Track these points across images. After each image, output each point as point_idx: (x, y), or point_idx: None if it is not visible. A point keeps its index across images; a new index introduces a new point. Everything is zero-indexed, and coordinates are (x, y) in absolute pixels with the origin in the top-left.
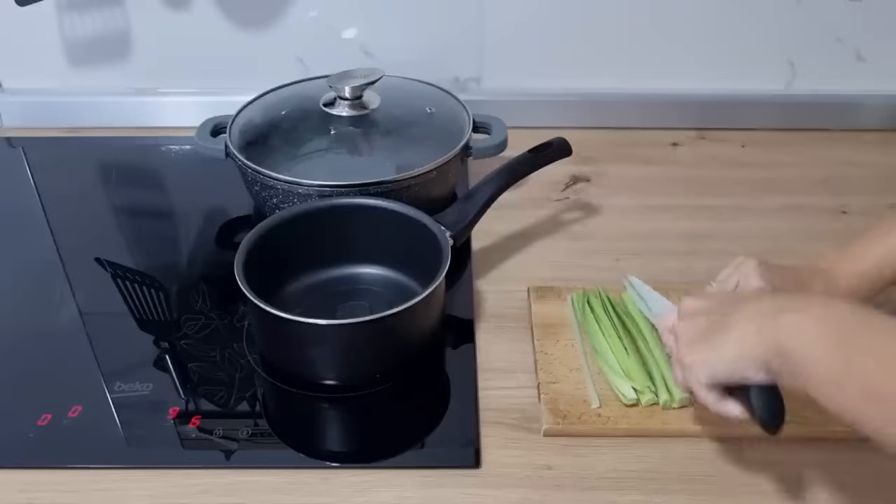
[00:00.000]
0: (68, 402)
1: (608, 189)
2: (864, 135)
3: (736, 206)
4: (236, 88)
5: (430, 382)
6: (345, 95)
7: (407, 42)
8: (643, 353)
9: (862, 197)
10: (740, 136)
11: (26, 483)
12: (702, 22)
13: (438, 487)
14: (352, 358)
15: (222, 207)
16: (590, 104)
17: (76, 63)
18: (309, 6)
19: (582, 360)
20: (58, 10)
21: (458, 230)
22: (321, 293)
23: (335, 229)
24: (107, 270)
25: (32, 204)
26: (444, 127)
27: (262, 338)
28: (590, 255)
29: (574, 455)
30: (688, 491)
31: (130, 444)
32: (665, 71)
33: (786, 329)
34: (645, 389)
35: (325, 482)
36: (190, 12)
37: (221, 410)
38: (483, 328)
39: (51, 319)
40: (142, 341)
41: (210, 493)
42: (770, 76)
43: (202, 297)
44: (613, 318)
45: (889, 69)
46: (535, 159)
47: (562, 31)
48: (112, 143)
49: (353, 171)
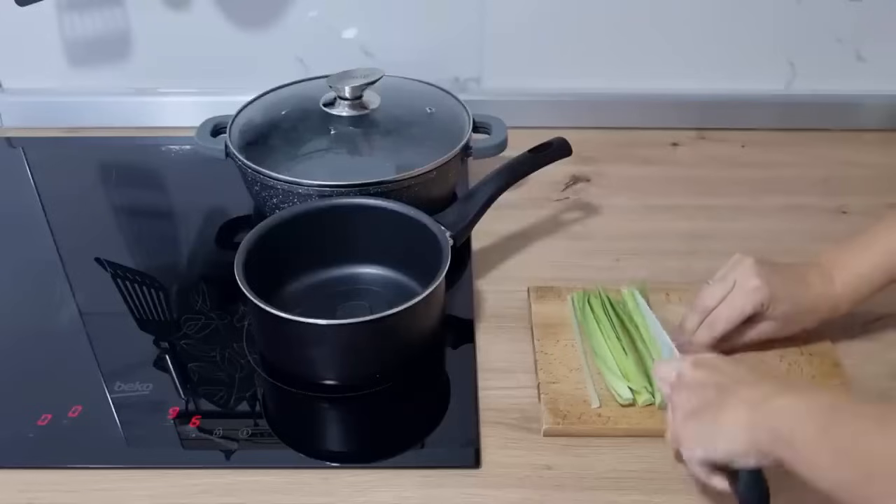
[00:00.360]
0: (68, 402)
1: (608, 189)
2: (864, 135)
3: (736, 206)
4: (236, 88)
5: (430, 382)
6: (345, 95)
7: (407, 42)
8: (641, 353)
9: (862, 197)
10: (740, 136)
11: (26, 483)
12: (702, 22)
13: (438, 487)
14: (352, 358)
15: (222, 207)
16: (590, 104)
17: (76, 63)
18: (309, 6)
19: (582, 360)
20: (58, 10)
21: (458, 230)
22: (321, 293)
23: (335, 229)
24: (107, 270)
25: (32, 204)
26: (444, 127)
27: (262, 338)
28: (590, 255)
29: (574, 455)
30: (688, 491)
31: (130, 444)
32: (665, 71)
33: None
34: (642, 390)
35: (325, 482)
36: (190, 12)
37: (221, 410)
38: (483, 328)
39: (51, 319)
40: (142, 341)
41: (210, 493)
42: (770, 76)
43: (202, 297)
44: (613, 318)
45: (889, 69)
46: (535, 159)
47: (562, 31)
48: (112, 143)
49: (353, 171)
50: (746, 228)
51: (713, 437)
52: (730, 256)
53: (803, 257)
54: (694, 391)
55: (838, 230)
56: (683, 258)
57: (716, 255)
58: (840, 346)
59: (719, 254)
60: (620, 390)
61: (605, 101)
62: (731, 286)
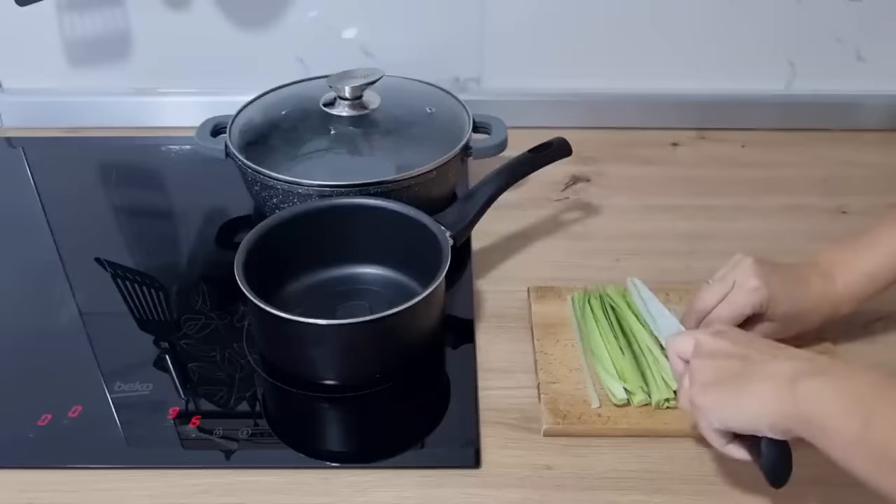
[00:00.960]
0: (68, 402)
1: (608, 189)
2: (864, 135)
3: (736, 206)
4: (236, 88)
5: (430, 382)
6: (345, 95)
7: (407, 42)
8: (637, 354)
9: (862, 197)
10: (740, 136)
11: (26, 483)
12: (702, 22)
13: (438, 487)
14: (352, 358)
15: (222, 207)
16: (590, 104)
17: (76, 63)
18: (309, 6)
19: (582, 360)
20: (58, 10)
21: (458, 230)
22: (321, 293)
23: (335, 229)
24: (107, 270)
25: (32, 204)
26: (444, 127)
27: (262, 338)
28: (590, 255)
29: (574, 455)
30: (688, 491)
31: (130, 444)
32: (665, 71)
33: (804, 394)
34: (637, 390)
35: (325, 482)
36: (190, 12)
37: (221, 410)
38: (483, 328)
39: (51, 319)
40: (142, 341)
41: (210, 493)
42: (770, 76)
43: (202, 297)
44: (612, 318)
45: (889, 69)
46: (535, 159)
47: (562, 31)
48: (112, 143)
49: (353, 171)
50: (746, 228)
51: (737, 408)
52: (730, 256)
53: (803, 257)
54: (716, 360)
55: (838, 230)
56: (683, 258)
57: (716, 255)
58: (841, 347)
59: (719, 254)
60: (615, 390)
61: (605, 101)
62: (731, 286)
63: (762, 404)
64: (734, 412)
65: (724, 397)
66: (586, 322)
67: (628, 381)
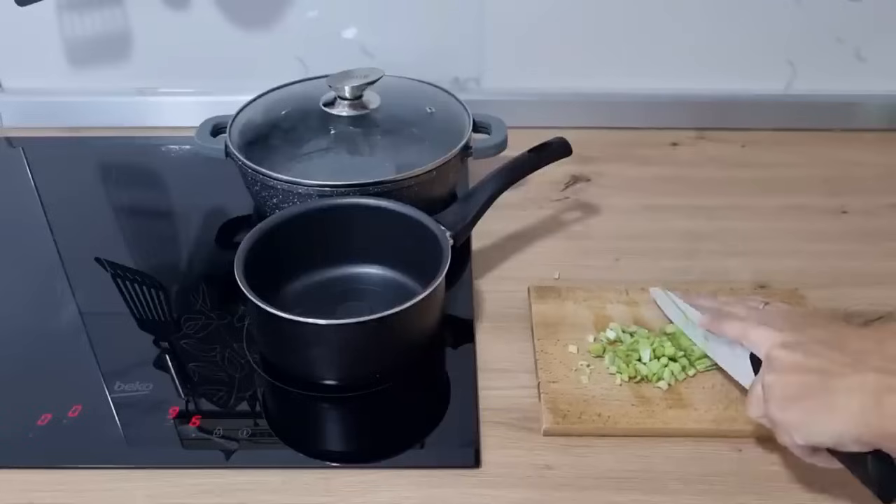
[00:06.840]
0: (68, 402)
1: (608, 189)
2: (864, 135)
3: (736, 206)
4: (236, 88)
5: (430, 382)
6: (345, 95)
7: (407, 42)
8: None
9: (862, 197)
10: (740, 136)
11: (26, 483)
12: (701, 22)
13: (438, 487)
14: (352, 358)
15: (222, 207)
16: (590, 104)
17: (76, 63)
18: (309, 6)
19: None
20: (58, 10)
21: (458, 230)
22: (321, 293)
23: (335, 229)
24: (107, 270)
25: (32, 204)
26: (444, 127)
27: (262, 338)
28: (590, 255)
29: (574, 455)
30: (688, 491)
31: (130, 444)
32: (665, 71)
33: (891, 409)
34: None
35: (325, 482)
36: (190, 12)
37: (221, 410)
38: (483, 328)
39: (51, 319)
40: (142, 341)
41: (210, 493)
42: (770, 76)
43: (202, 297)
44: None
45: (889, 69)
46: (535, 159)
47: (562, 31)
48: (112, 143)
49: (353, 171)
50: (746, 228)
51: (819, 425)
52: (730, 257)
53: (803, 257)
54: (792, 375)
55: (838, 230)
56: (683, 258)
57: (716, 255)
58: None
59: (719, 254)
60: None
61: (606, 101)
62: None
63: (845, 421)
64: (817, 429)
65: (805, 416)
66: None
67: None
